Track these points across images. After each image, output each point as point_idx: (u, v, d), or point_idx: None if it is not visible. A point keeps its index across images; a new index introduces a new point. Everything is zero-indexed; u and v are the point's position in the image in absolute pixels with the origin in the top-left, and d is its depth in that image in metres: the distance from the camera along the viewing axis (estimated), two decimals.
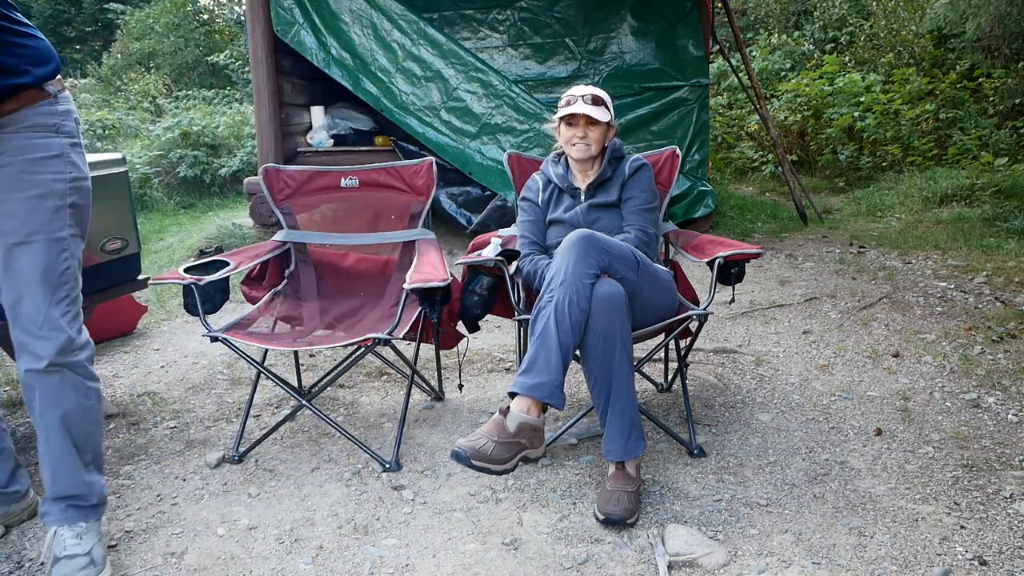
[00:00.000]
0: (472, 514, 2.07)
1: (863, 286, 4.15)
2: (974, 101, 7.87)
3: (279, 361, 3.23)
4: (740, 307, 3.86)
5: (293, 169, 2.87)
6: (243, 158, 8.80)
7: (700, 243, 2.52)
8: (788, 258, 4.91)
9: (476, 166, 5.18)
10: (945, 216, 5.78)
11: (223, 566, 1.88)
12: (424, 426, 2.64)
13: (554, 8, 5.63)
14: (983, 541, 1.86)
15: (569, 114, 2.46)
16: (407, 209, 2.84)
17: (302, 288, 2.84)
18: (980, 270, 4.23)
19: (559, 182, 2.56)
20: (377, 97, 5.33)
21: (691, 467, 2.29)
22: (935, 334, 3.32)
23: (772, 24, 11.99)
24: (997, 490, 2.09)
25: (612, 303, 2.02)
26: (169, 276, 2.33)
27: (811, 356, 3.19)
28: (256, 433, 2.57)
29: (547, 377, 1.95)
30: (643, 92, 5.59)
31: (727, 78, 10.11)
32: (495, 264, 2.40)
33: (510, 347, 3.39)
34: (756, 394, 2.82)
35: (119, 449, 2.52)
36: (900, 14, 9.66)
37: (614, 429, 2.04)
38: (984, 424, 2.49)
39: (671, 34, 5.61)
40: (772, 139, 6.35)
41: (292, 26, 5.39)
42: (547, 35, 5.60)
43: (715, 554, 1.84)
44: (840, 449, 2.37)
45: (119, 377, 3.21)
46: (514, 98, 5.21)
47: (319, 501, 2.16)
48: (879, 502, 2.06)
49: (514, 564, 1.85)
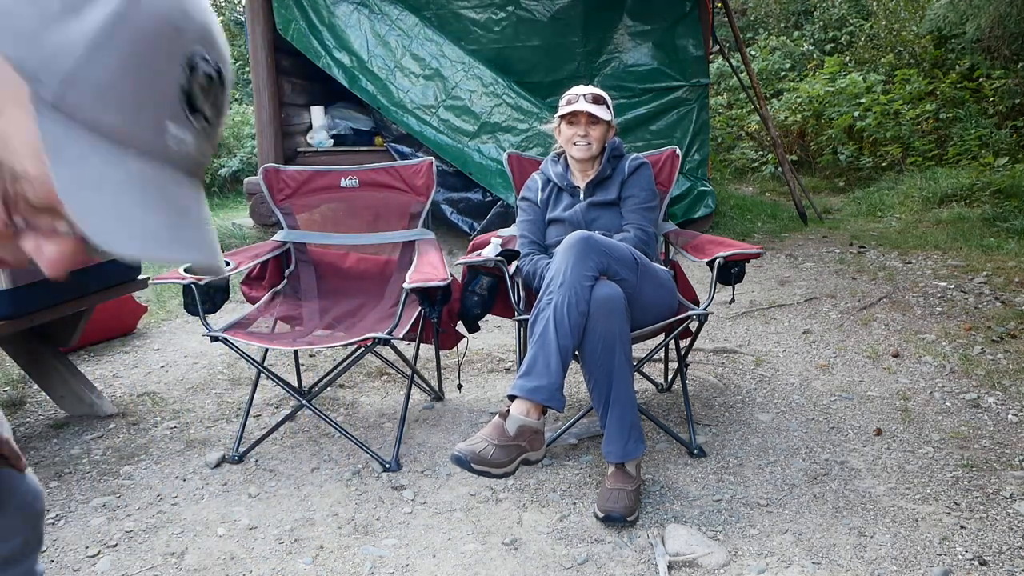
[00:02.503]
0: (472, 514, 2.07)
1: (863, 286, 4.15)
2: (974, 101, 7.87)
3: (279, 361, 3.23)
4: (740, 307, 3.86)
5: (293, 169, 2.87)
6: (243, 158, 8.80)
7: (700, 243, 2.52)
8: (788, 258, 4.91)
9: (475, 165, 5.18)
10: (945, 216, 5.78)
11: (223, 566, 1.88)
12: (424, 426, 2.64)
13: (553, 7, 5.63)
14: (983, 541, 1.86)
15: (570, 113, 2.46)
16: (407, 209, 2.85)
17: (302, 288, 2.84)
18: (980, 270, 4.23)
19: (558, 181, 2.56)
20: (374, 95, 5.32)
21: (691, 467, 2.29)
22: (935, 334, 3.32)
23: (772, 24, 11.99)
24: (997, 490, 2.09)
25: (611, 305, 2.02)
26: (169, 276, 2.33)
27: (811, 356, 3.19)
28: (256, 433, 2.57)
29: (546, 380, 1.94)
30: (642, 92, 5.58)
31: (727, 78, 10.11)
32: (495, 264, 2.40)
33: (510, 347, 3.38)
34: (756, 394, 2.82)
35: (119, 449, 2.52)
36: (900, 14, 9.66)
37: (614, 430, 2.04)
38: (984, 424, 2.49)
39: (671, 34, 5.60)
40: (772, 139, 6.35)
41: (290, 23, 5.39)
42: (546, 35, 5.59)
43: (715, 554, 1.84)
44: (840, 449, 2.37)
45: (119, 377, 3.21)
46: (514, 97, 5.21)
47: (319, 501, 2.16)
48: (879, 502, 2.06)
49: (514, 564, 1.85)
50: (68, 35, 0.53)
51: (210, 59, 0.60)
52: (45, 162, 0.54)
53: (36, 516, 1.02)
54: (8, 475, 0.97)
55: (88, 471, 2.37)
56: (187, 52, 0.58)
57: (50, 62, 0.53)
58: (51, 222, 0.58)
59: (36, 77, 0.53)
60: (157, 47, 0.56)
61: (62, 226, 0.58)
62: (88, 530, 2.04)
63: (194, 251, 0.58)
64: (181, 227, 0.58)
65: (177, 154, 0.58)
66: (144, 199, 0.56)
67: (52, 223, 0.58)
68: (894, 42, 9.46)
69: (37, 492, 1.02)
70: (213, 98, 0.61)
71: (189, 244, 0.58)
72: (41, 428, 2.70)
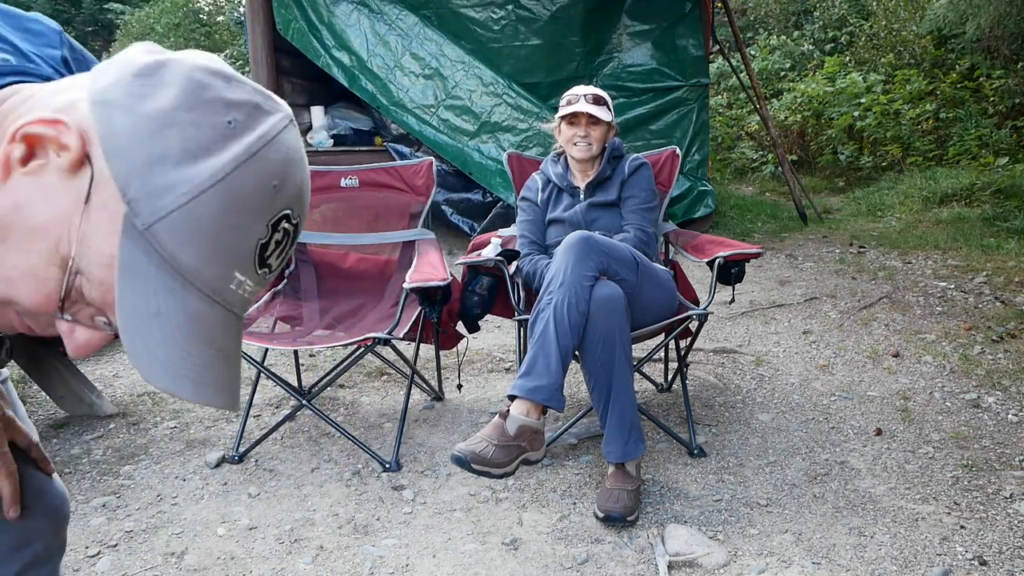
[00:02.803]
0: (472, 514, 2.07)
1: (863, 286, 4.15)
2: (974, 101, 7.86)
3: (279, 361, 3.23)
4: (740, 307, 3.86)
5: None
6: None
7: (700, 243, 2.52)
8: (788, 258, 4.91)
9: (475, 165, 5.17)
10: (945, 216, 5.78)
11: (223, 566, 1.88)
12: (424, 426, 2.64)
13: (553, 6, 5.63)
14: (983, 541, 1.86)
15: (571, 113, 2.46)
16: (407, 209, 2.84)
17: (302, 288, 2.84)
18: (980, 270, 4.23)
19: (558, 181, 2.56)
20: (374, 94, 5.32)
21: (691, 467, 2.29)
22: (935, 334, 3.32)
23: (772, 24, 11.99)
24: (997, 490, 2.09)
25: (611, 305, 2.02)
26: None
27: (811, 356, 3.19)
28: (256, 433, 2.57)
29: (546, 380, 1.94)
30: (642, 92, 5.58)
31: (727, 78, 10.11)
32: (495, 264, 2.40)
33: (510, 347, 3.38)
34: (756, 394, 2.82)
35: (119, 449, 2.52)
36: (900, 14, 9.65)
37: (614, 431, 2.04)
38: (984, 424, 2.49)
39: (670, 34, 5.60)
40: (772, 139, 6.35)
41: (290, 22, 5.39)
42: (545, 34, 5.59)
43: (715, 554, 1.84)
44: (840, 449, 2.37)
45: (119, 377, 3.21)
46: (514, 96, 5.20)
47: (319, 501, 2.16)
48: (879, 502, 2.06)
49: (514, 564, 1.85)
50: (178, 178, 0.57)
51: (293, 217, 0.64)
52: (114, 276, 0.57)
53: (62, 520, 1.02)
54: (36, 477, 0.98)
55: (88, 471, 2.37)
56: (277, 211, 0.62)
57: (151, 198, 0.56)
58: (93, 315, 0.62)
59: (134, 207, 0.56)
60: (253, 205, 0.60)
61: (102, 320, 0.62)
62: (88, 530, 2.04)
63: (218, 395, 0.62)
64: (213, 368, 0.62)
65: (233, 296, 0.62)
66: (190, 335, 0.60)
67: (93, 316, 0.62)
68: (894, 42, 9.45)
69: (63, 496, 1.03)
70: (282, 252, 0.65)
71: (216, 387, 0.62)
72: (41, 428, 2.70)
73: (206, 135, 0.58)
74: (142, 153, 0.56)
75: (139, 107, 0.57)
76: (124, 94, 0.58)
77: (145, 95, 0.57)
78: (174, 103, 0.57)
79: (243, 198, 0.59)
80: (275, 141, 0.61)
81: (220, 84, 0.60)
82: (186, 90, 0.58)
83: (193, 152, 0.57)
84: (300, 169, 0.64)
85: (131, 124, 0.57)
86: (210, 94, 0.59)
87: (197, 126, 0.57)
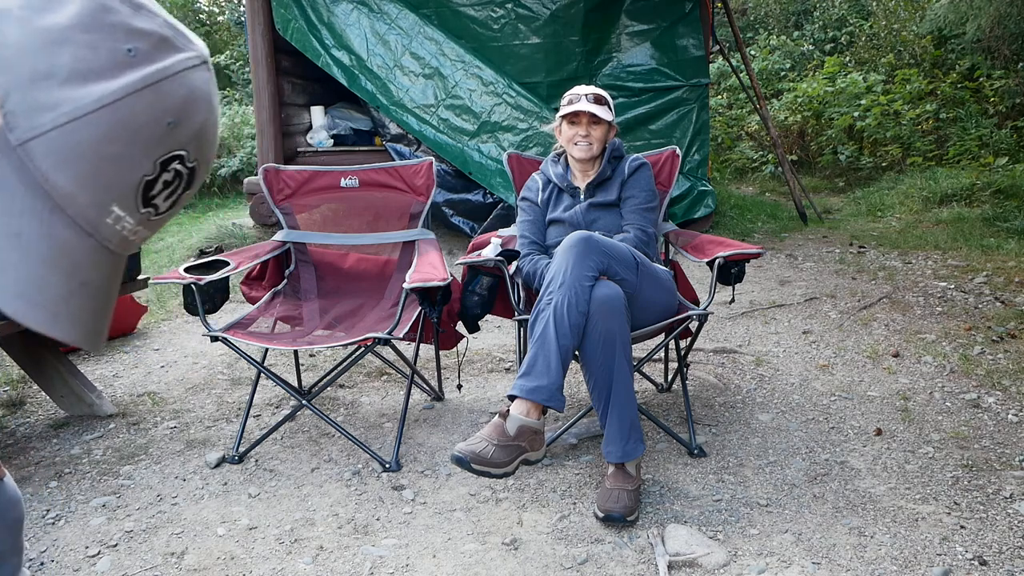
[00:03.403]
0: (472, 514, 2.07)
1: (863, 286, 4.15)
2: (974, 101, 7.87)
3: (279, 361, 3.23)
4: (740, 307, 3.86)
5: (293, 169, 2.87)
6: (243, 158, 8.79)
7: (700, 243, 2.52)
8: (788, 258, 4.91)
9: (475, 165, 5.17)
10: (945, 216, 5.78)
11: (223, 566, 1.88)
12: (424, 426, 2.64)
13: (553, 5, 5.63)
14: (983, 541, 1.86)
15: (572, 113, 2.46)
16: (407, 209, 2.85)
17: (302, 288, 2.84)
18: (980, 270, 4.23)
19: (559, 181, 2.56)
20: (374, 94, 5.31)
21: (691, 467, 2.29)
22: (935, 334, 3.32)
23: (772, 24, 11.99)
24: (997, 490, 2.09)
25: (611, 305, 2.02)
26: (169, 276, 2.33)
27: (811, 356, 3.19)
28: (256, 433, 2.57)
29: (546, 380, 1.94)
30: (642, 92, 5.58)
31: (727, 78, 10.11)
32: (495, 264, 2.40)
33: (510, 347, 3.38)
34: (756, 394, 2.82)
35: (119, 449, 2.52)
36: (900, 14, 9.66)
37: (614, 431, 2.04)
38: (984, 424, 2.49)
39: (670, 34, 5.60)
40: (772, 139, 6.35)
41: (289, 22, 5.39)
42: (545, 33, 5.59)
43: (715, 554, 1.84)
44: (840, 449, 2.37)
45: (119, 377, 3.21)
46: (514, 96, 5.20)
47: (319, 501, 2.16)
48: (879, 502, 2.06)
49: (514, 564, 1.85)
50: (62, 97, 0.54)
51: (188, 159, 0.61)
52: None
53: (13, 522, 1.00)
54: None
55: (88, 471, 2.37)
56: (169, 150, 0.59)
57: (31, 113, 0.54)
58: None
59: (10, 120, 0.54)
60: (141, 138, 0.57)
61: None
62: (88, 530, 2.04)
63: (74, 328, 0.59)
64: (72, 300, 0.59)
65: (109, 231, 0.59)
66: (51, 264, 0.57)
67: None
68: (894, 42, 9.46)
69: (15, 498, 1.01)
70: (172, 194, 0.62)
71: (73, 320, 0.59)
72: (41, 428, 2.70)
73: (101, 58, 0.55)
74: (27, 66, 0.54)
75: (34, 20, 0.55)
76: (22, 5, 0.55)
77: (43, 9, 0.55)
78: (72, 21, 0.55)
79: (131, 129, 0.56)
80: (177, 77, 0.58)
81: (127, 10, 0.57)
82: (88, 10, 0.56)
83: (83, 73, 0.54)
84: (204, 112, 0.61)
85: (22, 36, 0.54)
86: (113, 18, 0.56)
87: (93, 48, 0.55)
